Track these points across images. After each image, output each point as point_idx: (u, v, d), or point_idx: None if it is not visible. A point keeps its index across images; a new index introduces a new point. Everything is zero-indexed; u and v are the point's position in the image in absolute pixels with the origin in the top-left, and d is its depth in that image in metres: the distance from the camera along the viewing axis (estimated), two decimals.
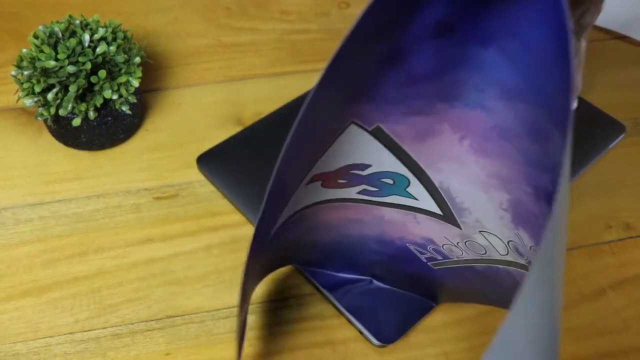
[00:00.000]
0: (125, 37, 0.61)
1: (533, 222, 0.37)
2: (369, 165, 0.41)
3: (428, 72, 0.35)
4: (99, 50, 0.58)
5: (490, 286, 0.45)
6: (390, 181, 0.42)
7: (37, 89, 0.57)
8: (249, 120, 0.66)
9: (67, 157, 0.63)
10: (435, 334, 0.53)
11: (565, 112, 0.30)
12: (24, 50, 0.59)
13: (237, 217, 0.59)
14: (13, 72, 0.59)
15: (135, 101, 0.61)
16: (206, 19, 0.77)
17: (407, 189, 0.42)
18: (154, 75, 0.70)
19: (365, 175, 0.41)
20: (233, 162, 0.61)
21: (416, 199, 0.42)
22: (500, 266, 0.42)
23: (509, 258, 0.41)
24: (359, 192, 0.43)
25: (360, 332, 0.52)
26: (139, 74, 0.60)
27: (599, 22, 0.76)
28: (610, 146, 0.64)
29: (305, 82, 0.70)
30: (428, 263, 0.47)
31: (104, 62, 0.59)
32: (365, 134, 0.39)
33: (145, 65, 0.70)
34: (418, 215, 0.43)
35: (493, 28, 0.33)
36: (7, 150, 0.63)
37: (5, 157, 0.63)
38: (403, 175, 0.41)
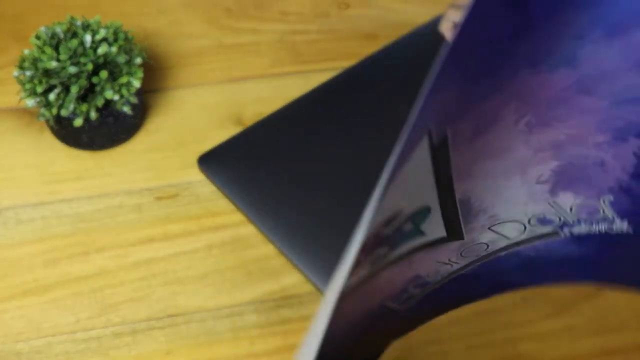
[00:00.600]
0: (126, 38, 0.61)
1: (590, 175, 0.34)
2: (401, 211, 0.32)
3: (549, 11, 0.27)
4: (100, 51, 0.58)
5: (469, 286, 0.43)
6: (410, 227, 0.34)
7: (39, 90, 0.57)
8: (250, 121, 0.66)
9: (68, 157, 0.63)
10: (434, 333, 0.53)
11: None
12: (26, 51, 0.59)
13: (238, 217, 0.60)
14: (15, 73, 0.59)
15: (137, 102, 0.62)
16: (207, 19, 0.77)
17: (422, 226, 0.34)
18: (155, 76, 0.71)
19: (390, 230, 0.33)
20: (234, 162, 0.62)
21: (425, 233, 0.35)
22: (503, 253, 0.40)
23: (522, 237, 0.39)
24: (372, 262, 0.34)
25: None
26: (140, 74, 0.60)
27: None
28: None
29: (305, 82, 0.70)
30: (400, 308, 0.41)
31: (105, 63, 0.59)
32: (426, 152, 0.30)
33: (146, 66, 0.70)
34: (415, 255, 0.36)
35: None
36: (9, 150, 0.64)
37: (8, 157, 0.63)
38: (427, 207, 0.33)
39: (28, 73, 0.58)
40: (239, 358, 0.52)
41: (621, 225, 0.37)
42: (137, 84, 0.60)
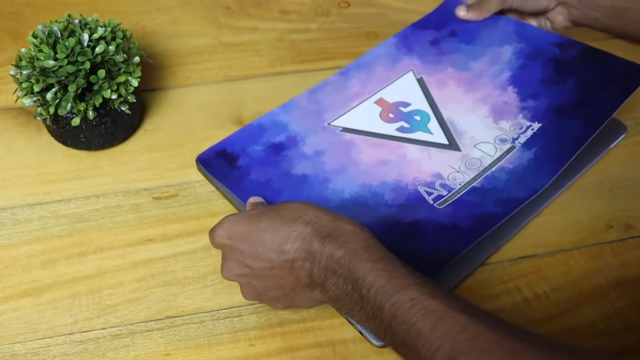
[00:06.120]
0: (124, 37, 0.61)
1: (506, 109, 0.63)
2: (409, 104, 0.64)
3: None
4: (98, 49, 0.58)
5: (489, 198, 0.57)
6: (418, 118, 0.63)
7: (36, 89, 0.57)
8: (249, 120, 0.66)
9: (66, 157, 0.63)
10: None
11: None
12: (23, 49, 0.59)
13: None
14: (12, 72, 0.59)
15: (135, 101, 0.61)
16: (206, 18, 0.76)
17: (428, 125, 0.63)
18: (154, 75, 0.70)
19: (406, 113, 0.64)
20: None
21: (432, 133, 0.62)
22: (494, 168, 0.59)
23: (497, 154, 0.60)
24: (397, 129, 0.62)
25: (360, 333, 0.52)
26: (138, 73, 0.60)
27: None
28: (612, 146, 0.64)
29: (305, 81, 0.69)
30: (434, 204, 0.57)
31: (103, 62, 0.59)
32: (415, 80, 0.66)
33: (145, 65, 0.69)
34: (431, 150, 0.61)
35: None
36: (6, 150, 0.63)
37: (4, 156, 0.63)
38: (426, 113, 0.64)
39: (25, 72, 0.58)
40: (238, 359, 0.52)
41: (537, 125, 0.61)
42: (135, 83, 0.60)
